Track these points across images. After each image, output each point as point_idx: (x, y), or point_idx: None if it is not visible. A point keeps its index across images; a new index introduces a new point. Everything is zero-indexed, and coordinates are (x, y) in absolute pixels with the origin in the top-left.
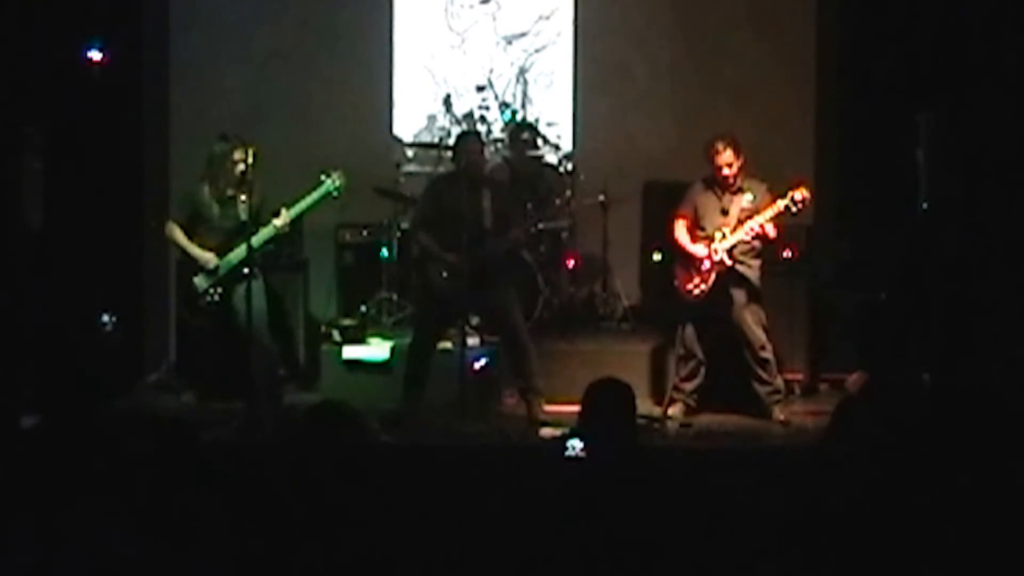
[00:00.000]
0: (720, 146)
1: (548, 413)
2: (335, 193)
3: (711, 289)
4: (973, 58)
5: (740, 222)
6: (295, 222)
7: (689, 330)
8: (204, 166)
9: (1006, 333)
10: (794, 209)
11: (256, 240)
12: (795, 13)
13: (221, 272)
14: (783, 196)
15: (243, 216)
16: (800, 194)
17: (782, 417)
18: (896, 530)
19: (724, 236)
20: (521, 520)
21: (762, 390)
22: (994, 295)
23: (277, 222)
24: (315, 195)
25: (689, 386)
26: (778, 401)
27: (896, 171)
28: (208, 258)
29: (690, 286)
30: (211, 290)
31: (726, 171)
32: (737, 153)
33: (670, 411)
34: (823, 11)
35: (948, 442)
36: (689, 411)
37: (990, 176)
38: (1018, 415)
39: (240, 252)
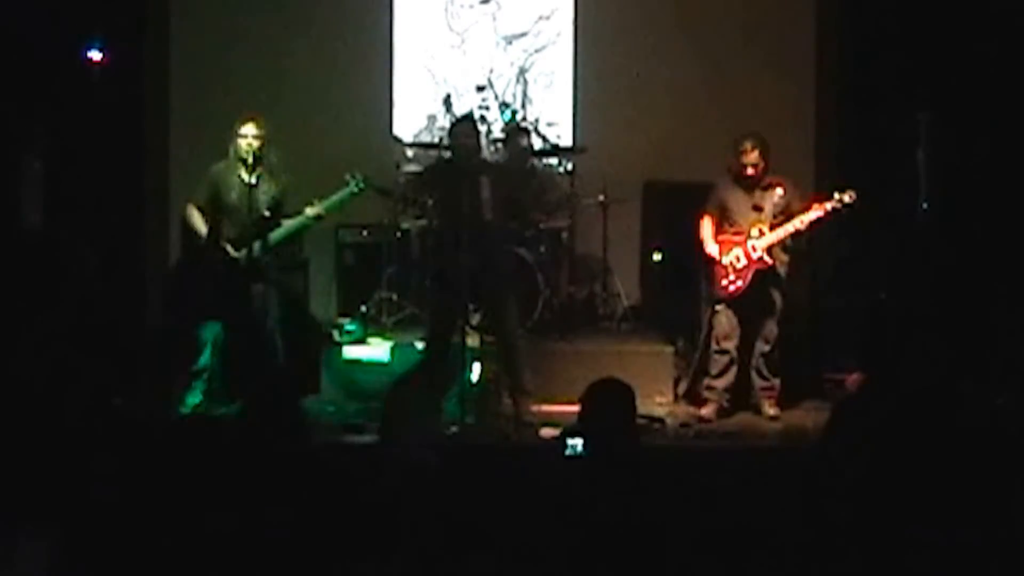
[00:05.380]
0: (748, 145)
1: (548, 413)
2: (358, 193)
3: (748, 286)
4: (973, 58)
5: (776, 218)
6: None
7: (721, 327)
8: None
9: (1006, 333)
10: (842, 210)
11: (281, 232)
12: (795, 13)
13: (242, 263)
14: (828, 198)
15: (263, 209)
16: (848, 196)
17: (772, 412)
18: (893, 529)
19: (762, 233)
20: (521, 520)
21: (760, 384)
22: (994, 295)
23: (309, 211)
24: (341, 194)
25: (722, 384)
26: (771, 397)
27: (896, 171)
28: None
29: (725, 282)
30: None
31: (750, 171)
32: (763, 154)
33: (703, 411)
34: (823, 11)
35: (943, 442)
36: (723, 411)
37: (990, 176)
38: (1014, 415)
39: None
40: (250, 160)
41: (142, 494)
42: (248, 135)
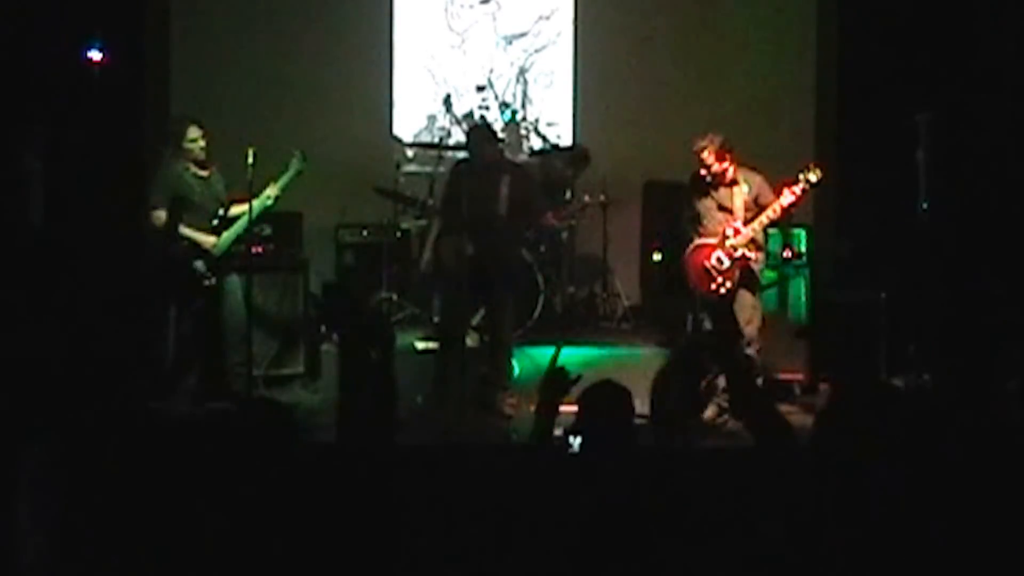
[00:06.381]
0: (700, 144)
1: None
2: (301, 167)
3: (736, 286)
4: (973, 58)
5: (748, 211)
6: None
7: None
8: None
9: (1006, 332)
10: (810, 190)
11: (250, 216)
12: (796, 13)
13: (217, 253)
14: (796, 181)
15: (223, 199)
16: (815, 175)
17: None
18: (887, 530)
19: (737, 232)
20: (520, 520)
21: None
22: (994, 295)
23: (269, 191)
24: (290, 173)
25: (719, 386)
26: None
27: (896, 171)
28: (210, 241)
29: (714, 287)
30: (209, 274)
31: (703, 171)
32: (719, 155)
33: (702, 414)
34: (824, 11)
35: (939, 441)
36: (723, 412)
37: (990, 176)
38: (1015, 414)
39: (230, 234)
40: (202, 158)
41: (140, 493)
42: (197, 137)
